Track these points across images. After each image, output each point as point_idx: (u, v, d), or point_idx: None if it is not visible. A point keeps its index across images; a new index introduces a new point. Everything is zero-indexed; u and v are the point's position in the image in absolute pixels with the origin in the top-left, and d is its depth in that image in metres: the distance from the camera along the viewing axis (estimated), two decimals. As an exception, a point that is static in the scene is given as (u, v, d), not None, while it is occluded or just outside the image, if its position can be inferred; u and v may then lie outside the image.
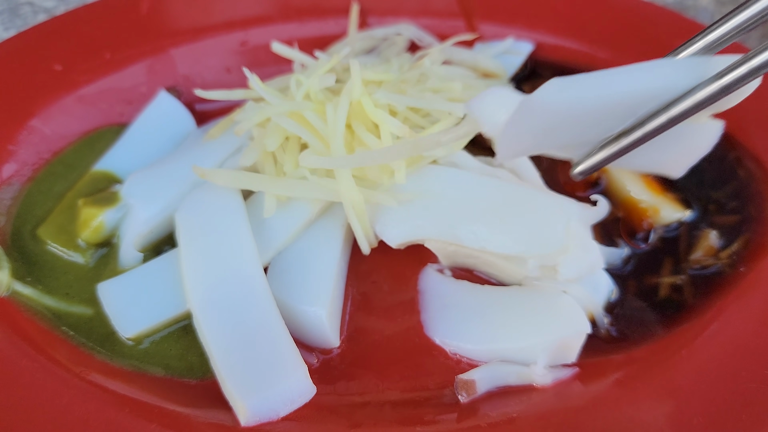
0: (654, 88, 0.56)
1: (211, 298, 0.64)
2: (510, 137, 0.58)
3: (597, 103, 0.56)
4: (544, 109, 0.56)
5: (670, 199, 0.78)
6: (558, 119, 0.57)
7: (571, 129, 0.58)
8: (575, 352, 0.65)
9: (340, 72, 0.83)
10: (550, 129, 0.57)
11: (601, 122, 0.58)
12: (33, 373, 0.61)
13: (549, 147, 0.61)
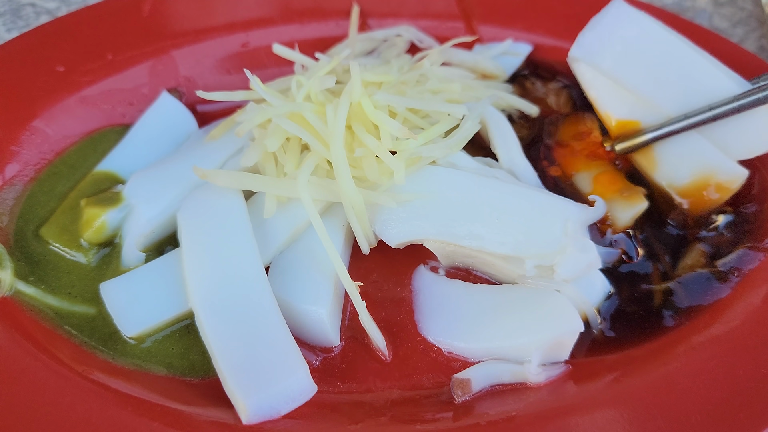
0: (711, 84, 0.71)
1: (213, 297, 0.64)
2: (592, 29, 0.73)
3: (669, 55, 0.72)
4: (632, 19, 0.73)
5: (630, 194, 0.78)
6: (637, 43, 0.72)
7: (642, 69, 0.72)
8: (568, 350, 0.65)
9: (341, 73, 0.83)
10: (628, 50, 0.72)
11: (665, 84, 0.72)
12: (36, 372, 0.61)
13: (621, 74, 0.73)
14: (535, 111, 0.86)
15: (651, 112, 0.73)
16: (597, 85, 0.76)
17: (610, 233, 0.74)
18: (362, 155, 0.70)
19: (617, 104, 0.75)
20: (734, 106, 0.69)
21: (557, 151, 0.82)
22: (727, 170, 0.72)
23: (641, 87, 0.73)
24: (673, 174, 0.74)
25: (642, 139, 0.74)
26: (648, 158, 0.75)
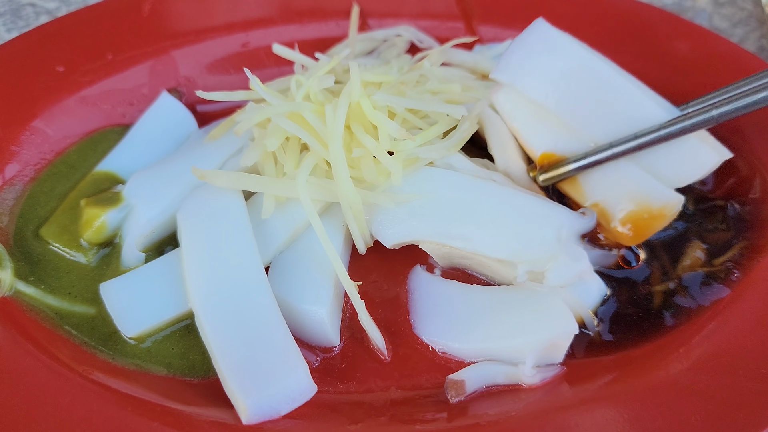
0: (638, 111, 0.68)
1: (213, 297, 0.64)
2: (516, 52, 0.68)
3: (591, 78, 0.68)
4: (557, 42, 0.69)
5: None
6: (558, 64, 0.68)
7: (567, 95, 0.68)
8: (563, 352, 0.65)
9: (340, 73, 0.83)
10: (554, 74, 0.68)
11: (591, 111, 0.68)
12: (36, 372, 0.61)
13: (547, 98, 0.68)
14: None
15: (577, 141, 0.70)
16: (519, 116, 0.71)
17: None
18: (360, 155, 0.70)
19: (542, 135, 0.71)
20: (660, 135, 0.65)
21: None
22: (660, 197, 0.67)
23: (567, 113, 0.69)
24: (605, 201, 0.69)
25: (565, 169, 0.69)
26: (575, 188, 0.71)
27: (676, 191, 0.67)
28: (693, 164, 0.67)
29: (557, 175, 0.70)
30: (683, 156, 0.67)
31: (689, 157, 0.67)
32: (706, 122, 0.64)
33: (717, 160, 0.66)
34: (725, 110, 0.63)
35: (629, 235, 0.68)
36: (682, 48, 0.90)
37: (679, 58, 0.90)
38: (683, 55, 0.90)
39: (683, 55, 0.90)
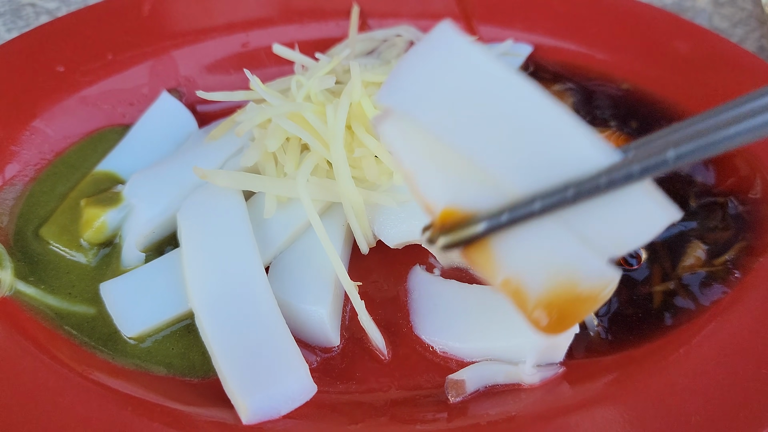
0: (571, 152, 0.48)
1: (213, 297, 0.64)
2: (408, 68, 0.48)
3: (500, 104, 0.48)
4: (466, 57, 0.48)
5: None
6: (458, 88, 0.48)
7: (477, 127, 0.48)
8: (563, 351, 0.65)
9: (341, 73, 0.83)
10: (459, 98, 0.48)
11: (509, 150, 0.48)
12: (35, 372, 0.61)
13: (448, 131, 0.48)
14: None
15: (489, 191, 0.49)
16: (413, 155, 0.50)
17: None
18: (362, 155, 0.70)
19: (442, 181, 0.50)
20: (600, 184, 0.46)
21: None
22: (591, 273, 0.49)
23: (475, 152, 0.48)
24: (521, 277, 0.49)
25: (473, 230, 0.48)
26: (485, 257, 0.50)
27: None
28: (634, 227, 0.49)
29: (462, 238, 0.49)
30: (624, 215, 0.49)
31: (632, 216, 0.49)
32: (660, 166, 0.45)
33: (665, 221, 0.48)
34: (685, 150, 0.45)
35: (547, 323, 0.50)
36: (682, 48, 0.90)
37: (679, 58, 0.90)
38: (683, 55, 0.90)
39: (683, 55, 0.90)
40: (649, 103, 0.89)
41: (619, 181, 0.46)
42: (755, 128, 0.44)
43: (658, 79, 0.90)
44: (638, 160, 0.46)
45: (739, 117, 0.45)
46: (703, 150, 0.45)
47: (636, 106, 0.89)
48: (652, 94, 0.90)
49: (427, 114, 0.49)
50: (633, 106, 0.89)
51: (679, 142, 0.45)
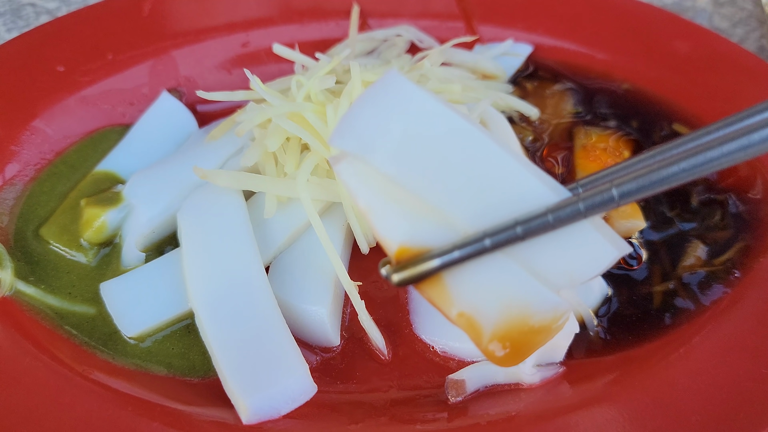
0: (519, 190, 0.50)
1: (213, 297, 0.64)
2: (360, 111, 0.51)
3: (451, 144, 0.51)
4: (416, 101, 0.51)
5: (630, 208, 0.77)
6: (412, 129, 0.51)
7: (428, 168, 0.51)
8: (563, 351, 0.65)
9: (341, 73, 0.83)
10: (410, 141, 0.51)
11: (459, 189, 0.50)
12: (36, 372, 0.61)
13: (400, 171, 0.51)
14: (534, 113, 0.86)
15: (442, 228, 0.52)
16: (368, 194, 0.52)
17: None
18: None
19: (397, 219, 0.52)
20: (548, 221, 0.48)
21: (580, 154, 0.82)
22: (543, 305, 0.51)
23: (426, 191, 0.51)
24: (474, 311, 0.52)
25: (426, 267, 0.50)
26: (440, 292, 0.52)
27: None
28: (586, 260, 0.51)
29: (416, 274, 0.51)
30: (573, 249, 0.51)
31: (581, 250, 0.51)
32: (605, 204, 0.47)
33: (615, 254, 0.50)
34: (629, 188, 0.47)
35: (502, 355, 0.51)
36: (682, 48, 0.90)
37: (679, 58, 0.90)
38: (683, 54, 0.90)
39: (683, 54, 0.90)
40: (649, 103, 0.89)
41: (566, 219, 0.48)
42: (696, 166, 0.45)
43: (658, 79, 0.90)
44: (584, 198, 0.48)
45: (682, 154, 0.46)
46: (645, 188, 0.46)
47: (636, 106, 0.89)
48: (652, 94, 0.90)
49: (378, 156, 0.51)
50: (633, 106, 0.89)
51: (622, 180, 0.47)
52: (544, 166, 0.82)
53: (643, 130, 0.86)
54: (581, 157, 0.82)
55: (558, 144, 0.85)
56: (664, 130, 0.86)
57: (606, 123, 0.87)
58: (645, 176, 0.46)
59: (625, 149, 0.83)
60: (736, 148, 0.44)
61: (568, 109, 0.89)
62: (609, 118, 0.88)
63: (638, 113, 0.88)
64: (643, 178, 0.46)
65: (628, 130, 0.86)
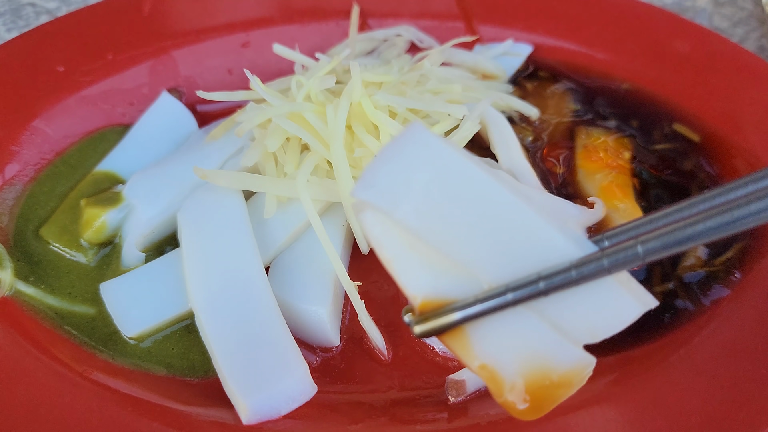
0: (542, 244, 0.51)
1: (213, 297, 0.64)
2: (383, 165, 0.51)
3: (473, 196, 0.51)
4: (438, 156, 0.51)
5: (631, 208, 0.76)
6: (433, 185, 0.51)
7: (451, 223, 0.51)
8: None
9: (341, 73, 0.83)
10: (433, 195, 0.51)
11: (482, 243, 0.51)
12: (35, 372, 0.61)
13: (423, 227, 0.51)
14: (534, 113, 0.86)
15: (465, 281, 0.52)
16: (392, 245, 0.52)
17: None
18: (362, 155, 0.70)
19: (420, 272, 0.52)
20: (571, 277, 0.48)
21: (581, 154, 0.82)
22: (566, 359, 0.51)
23: (449, 246, 0.51)
24: (496, 363, 0.51)
25: (449, 319, 0.51)
26: (462, 343, 0.52)
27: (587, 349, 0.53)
28: (609, 315, 0.51)
29: (438, 326, 0.51)
30: (597, 304, 0.50)
31: (605, 306, 0.51)
32: (629, 262, 0.47)
33: (640, 310, 0.50)
34: (654, 246, 0.47)
35: (524, 409, 0.51)
36: (682, 48, 0.90)
37: (679, 58, 0.90)
38: (683, 54, 0.90)
39: (683, 54, 0.90)
40: (649, 102, 0.89)
41: (589, 275, 0.48)
42: (722, 225, 0.45)
43: (658, 79, 0.90)
44: (608, 255, 0.48)
45: (709, 212, 0.46)
46: (670, 246, 0.46)
47: (636, 106, 0.89)
48: (652, 94, 0.90)
49: (400, 210, 0.51)
50: (633, 106, 0.89)
51: (648, 238, 0.47)
52: (545, 165, 0.82)
53: (644, 129, 0.86)
54: (583, 157, 0.82)
55: (558, 143, 0.85)
56: (664, 130, 0.87)
57: (606, 123, 0.87)
58: (671, 234, 0.46)
59: (625, 150, 0.83)
60: (764, 207, 0.44)
61: (568, 109, 0.89)
62: (609, 118, 0.88)
63: (638, 113, 0.88)
64: (669, 236, 0.46)
65: (629, 130, 0.86)
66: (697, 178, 0.81)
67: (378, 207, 0.51)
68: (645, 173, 0.81)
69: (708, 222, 0.45)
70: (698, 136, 0.85)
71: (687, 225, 0.46)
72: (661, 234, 0.47)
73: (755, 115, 0.82)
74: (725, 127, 0.83)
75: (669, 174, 0.82)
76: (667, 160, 0.83)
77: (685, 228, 0.46)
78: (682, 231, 0.46)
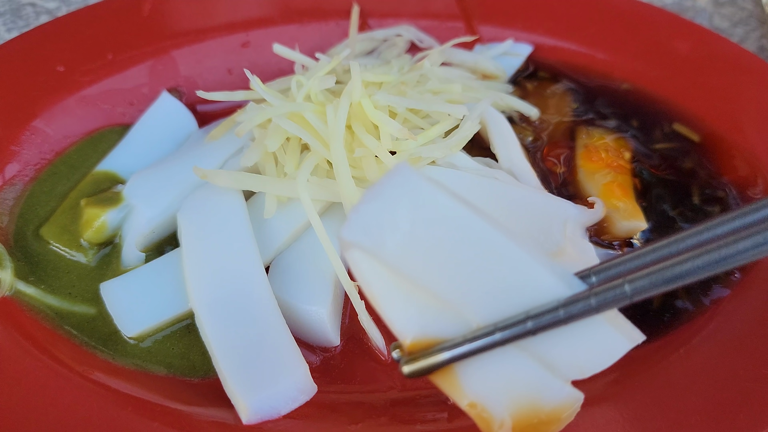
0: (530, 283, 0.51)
1: (213, 297, 0.64)
2: (370, 205, 0.51)
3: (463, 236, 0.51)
4: (424, 194, 0.51)
5: (632, 208, 0.77)
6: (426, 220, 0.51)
7: (437, 262, 0.51)
8: None
9: (341, 73, 0.83)
10: (419, 235, 0.51)
11: (469, 282, 0.51)
12: (36, 372, 0.61)
13: (409, 266, 0.51)
14: (534, 113, 0.86)
15: (453, 320, 0.52)
16: (379, 284, 0.52)
17: None
18: (362, 155, 0.70)
19: (408, 311, 0.52)
20: (559, 317, 0.49)
21: (582, 154, 0.82)
22: (554, 395, 0.51)
23: (437, 285, 0.51)
24: (485, 401, 0.52)
25: (437, 359, 0.51)
26: (451, 382, 0.53)
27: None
28: (596, 352, 0.51)
29: (427, 366, 0.52)
30: (585, 341, 0.51)
31: (593, 342, 0.51)
32: (617, 301, 0.48)
33: (627, 346, 0.51)
34: (642, 285, 0.47)
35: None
36: (682, 48, 0.90)
37: (679, 58, 0.90)
38: (683, 54, 0.90)
39: (683, 54, 0.90)
40: (649, 102, 0.89)
41: (577, 314, 0.48)
42: (710, 264, 0.45)
43: (658, 79, 0.90)
44: (596, 294, 0.48)
45: (696, 251, 0.46)
46: (658, 285, 0.46)
47: (636, 106, 0.89)
48: (652, 94, 0.90)
49: (387, 251, 0.51)
50: (633, 106, 0.89)
51: (635, 277, 0.47)
52: (545, 165, 0.82)
53: (644, 129, 0.86)
54: (583, 157, 0.82)
55: (558, 143, 0.85)
56: (664, 130, 0.87)
57: (606, 123, 0.87)
58: (658, 273, 0.46)
59: (626, 150, 0.83)
60: (751, 245, 0.44)
61: (568, 108, 0.89)
62: (609, 118, 0.88)
63: (638, 113, 0.88)
64: (656, 275, 0.46)
65: (629, 129, 0.86)
66: (697, 178, 0.81)
67: (364, 247, 0.51)
68: (645, 173, 0.81)
69: (696, 261, 0.45)
70: (698, 136, 0.85)
71: (675, 264, 0.46)
72: (649, 273, 0.47)
73: (755, 115, 0.82)
74: (725, 127, 0.83)
75: (669, 173, 0.82)
76: (667, 159, 0.83)
77: (673, 266, 0.46)
78: (670, 270, 0.46)
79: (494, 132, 0.79)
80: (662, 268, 0.46)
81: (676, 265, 0.46)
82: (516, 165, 0.76)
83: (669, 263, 0.46)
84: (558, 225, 0.66)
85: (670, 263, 0.46)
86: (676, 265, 0.46)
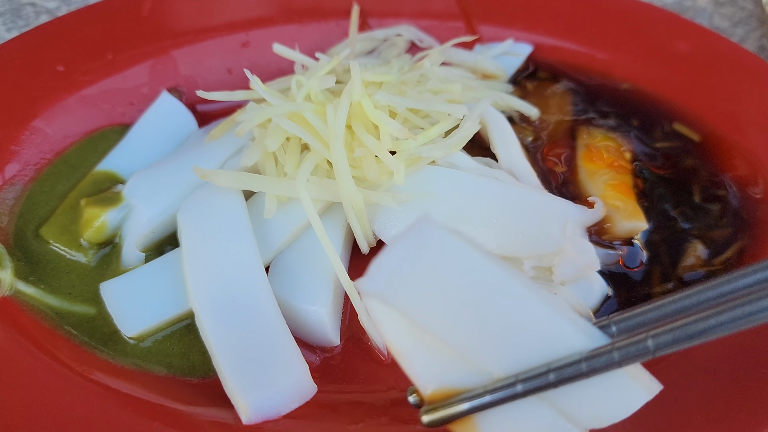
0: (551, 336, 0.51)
1: (213, 297, 0.64)
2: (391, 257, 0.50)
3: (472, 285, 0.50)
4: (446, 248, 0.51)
5: (632, 208, 0.77)
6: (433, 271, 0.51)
7: (458, 315, 0.51)
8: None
9: (341, 73, 0.83)
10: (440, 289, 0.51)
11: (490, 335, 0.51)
12: (36, 372, 0.61)
13: (429, 320, 0.51)
14: (534, 113, 0.86)
15: (473, 371, 0.52)
16: (400, 334, 0.52)
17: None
18: (362, 155, 0.70)
19: (428, 362, 0.52)
20: (581, 370, 0.48)
21: (583, 154, 0.82)
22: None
23: (458, 339, 0.51)
24: None
25: (457, 409, 0.51)
26: (469, 431, 0.53)
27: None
28: (615, 404, 0.51)
29: (447, 416, 0.52)
30: (604, 392, 0.51)
31: (612, 394, 0.51)
32: (639, 356, 0.48)
33: (645, 398, 0.51)
34: (665, 340, 0.47)
35: None
36: (682, 48, 0.90)
37: (679, 58, 0.90)
38: (683, 55, 0.90)
39: (683, 55, 0.90)
40: (649, 102, 0.89)
41: (599, 368, 0.48)
42: (733, 320, 0.45)
43: (658, 79, 0.90)
44: (618, 348, 0.48)
45: (720, 307, 0.46)
46: (681, 341, 0.46)
47: (636, 106, 0.89)
48: (652, 94, 0.90)
49: (409, 304, 0.51)
50: (633, 106, 0.89)
51: (659, 332, 0.47)
52: (545, 165, 0.82)
53: (644, 129, 0.87)
54: (584, 158, 0.82)
55: (558, 143, 0.85)
56: (665, 130, 0.87)
57: (606, 122, 0.87)
58: (682, 328, 0.46)
59: (626, 149, 0.83)
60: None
61: (568, 108, 0.89)
62: (609, 118, 0.88)
63: (638, 113, 0.88)
64: (680, 330, 0.46)
65: (629, 129, 0.86)
66: (697, 177, 0.81)
67: (385, 300, 0.51)
68: (646, 172, 0.81)
69: (720, 317, 0.45)
70: (698, 136, 0.85)
71: (698, 319, 0.46)
72: (672, 328, 0.47)
73: (755, 115, 0.82)
74: (725, 127, 0.83)
75: (670, 173, 0.82)
76: (667, 159, 0.83)
77: (697, 322, 0.46)
78: (693, 325, 0.46)
79: (494, 132, 0.79)
80: (686, 324, 0.46)
81: (699, 321, 0.46)
82: (516, 165, 0.76)
83: (692, 319, 0.46)
84: (558, 225, 0.66)
85: (693, 319, 0.46)
86: (699, 321, 0.46)
